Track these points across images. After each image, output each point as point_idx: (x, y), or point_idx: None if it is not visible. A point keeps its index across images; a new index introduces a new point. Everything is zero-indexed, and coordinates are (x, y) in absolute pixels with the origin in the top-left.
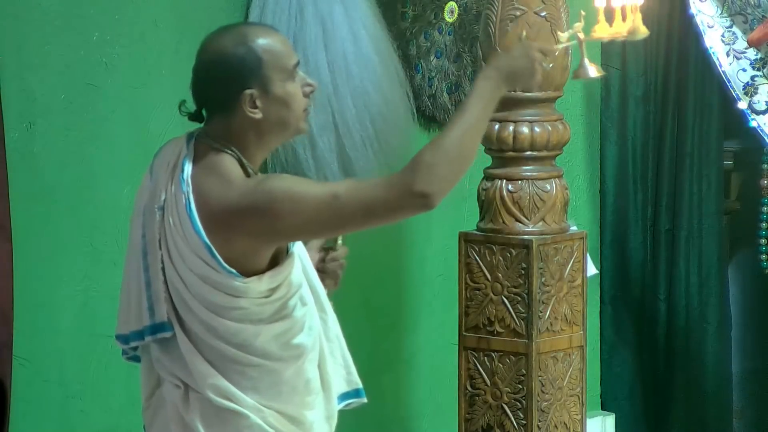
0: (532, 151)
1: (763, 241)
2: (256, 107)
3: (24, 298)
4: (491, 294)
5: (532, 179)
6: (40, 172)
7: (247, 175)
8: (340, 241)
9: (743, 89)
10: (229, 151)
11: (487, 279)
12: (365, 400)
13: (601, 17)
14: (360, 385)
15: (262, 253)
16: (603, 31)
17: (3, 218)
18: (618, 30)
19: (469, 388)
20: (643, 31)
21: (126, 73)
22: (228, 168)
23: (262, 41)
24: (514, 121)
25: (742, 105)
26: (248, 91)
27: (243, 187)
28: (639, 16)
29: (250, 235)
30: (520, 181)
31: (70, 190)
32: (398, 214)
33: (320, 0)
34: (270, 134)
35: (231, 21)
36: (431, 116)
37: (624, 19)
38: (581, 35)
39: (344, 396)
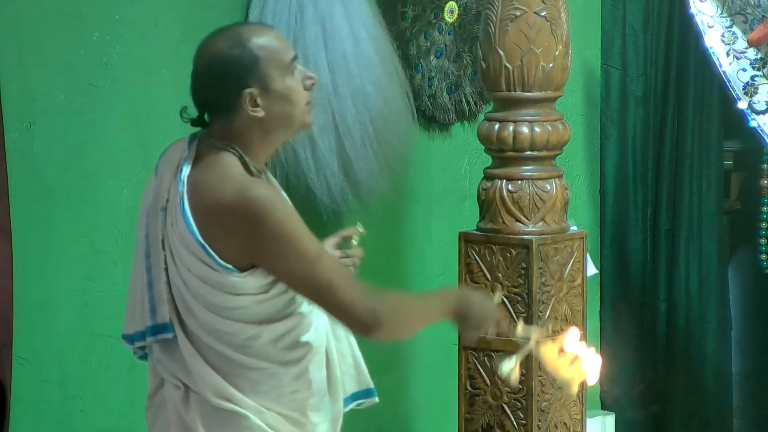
0: (532, 151)
1: (763, 241)
2: (257, 105)
3: (24, 298)
4: (491, 293)
5: (532, 179)
6: (40, 172)
7: (249, 172)
8: (354, 242)
9: (743, 89)
10: (231, 149)
11: (487, 279)
12: (377, 399)
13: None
14: (371, 385)
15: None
16: (551, 354)
17: (3, 218)
18: (564, 372)
19: (469, 388)
20: (575, 388)
21: (126, 73)
22: (227, 164)
23: (257, 39)
24: (514, 121)
25: (742, 105)
26: (248, 90)
27: (240, 183)
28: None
29: (238, 237)
30: (520, 181)
31: (70, 190)
32: (340, 317)
33: (320, 0)
34: (275, 131)
35: (231, 21)
36: (431, 116)
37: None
38: (533, 343)
39: (354, 396)
